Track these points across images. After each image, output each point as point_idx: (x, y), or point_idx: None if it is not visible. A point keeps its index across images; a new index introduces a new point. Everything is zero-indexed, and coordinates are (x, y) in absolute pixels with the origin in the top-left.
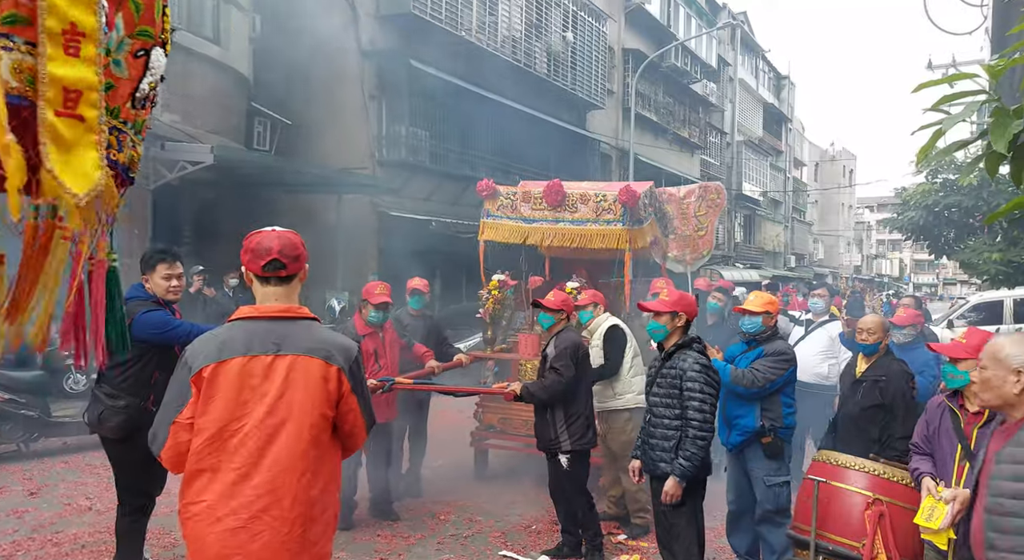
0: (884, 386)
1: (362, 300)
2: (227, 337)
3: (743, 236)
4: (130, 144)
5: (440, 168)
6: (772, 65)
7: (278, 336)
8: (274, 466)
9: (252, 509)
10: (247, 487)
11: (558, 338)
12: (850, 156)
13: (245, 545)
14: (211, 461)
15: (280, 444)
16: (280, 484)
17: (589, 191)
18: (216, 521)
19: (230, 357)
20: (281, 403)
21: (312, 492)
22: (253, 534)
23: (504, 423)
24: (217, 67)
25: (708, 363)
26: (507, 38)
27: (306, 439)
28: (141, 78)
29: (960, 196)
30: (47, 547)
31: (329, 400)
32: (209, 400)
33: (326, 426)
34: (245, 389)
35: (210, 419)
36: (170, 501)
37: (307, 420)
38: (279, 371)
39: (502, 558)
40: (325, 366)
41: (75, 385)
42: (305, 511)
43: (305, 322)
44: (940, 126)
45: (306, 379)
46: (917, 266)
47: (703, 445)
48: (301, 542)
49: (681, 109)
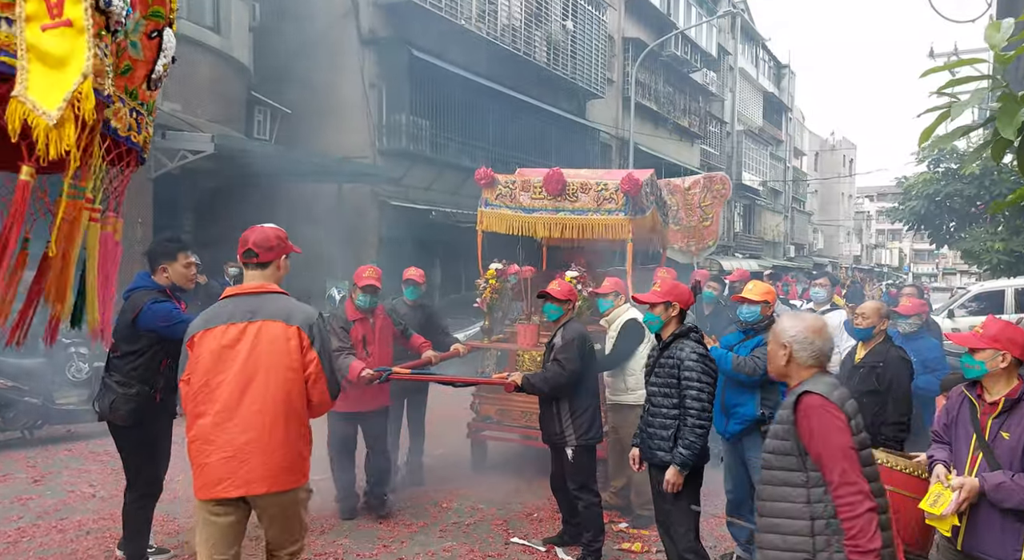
0: (881, 372)
1: (352, 284)
2: (214, 311)
3: (743, 226)
4: (145, 125)
5: (440, 157)
6: (772, 54)
7: (252, 307)
8: (249, 408)
9: (236, 443)
10: (231, 426)
11: (565, 329)
12: (850, 146)
13: (235, 470)
14: (202, 408)
15: (253, 392)
16: (255, 423)
17: (590, 180)
18: (210, 453)
19: (214, 326)
20: (251, 359)
21: (282, 428)
22: (239, 462)
23: (502, 414)
24: (217, 56)
25: (705, 352)
26: (507, 27)
27: (273, 388)
28: (155, 59)
29: (962, 185)
30: (52, 533)
31: (291, 355)
32: (197, 359)
33: (294, 377)
34: (224, 350)
35: (198, 374)
36: (173, 489)
37: (273, 372)
38: (250, 334)
39: (511, 545)
40: (285, 327)
41: (78, 373)
42: (277, 445)
43: (275, 295)
44: (946, 110)
45: (271, 338)
46: (917, 256)
47: (702, 433)
48: (276, 464)
49: (681, 98)
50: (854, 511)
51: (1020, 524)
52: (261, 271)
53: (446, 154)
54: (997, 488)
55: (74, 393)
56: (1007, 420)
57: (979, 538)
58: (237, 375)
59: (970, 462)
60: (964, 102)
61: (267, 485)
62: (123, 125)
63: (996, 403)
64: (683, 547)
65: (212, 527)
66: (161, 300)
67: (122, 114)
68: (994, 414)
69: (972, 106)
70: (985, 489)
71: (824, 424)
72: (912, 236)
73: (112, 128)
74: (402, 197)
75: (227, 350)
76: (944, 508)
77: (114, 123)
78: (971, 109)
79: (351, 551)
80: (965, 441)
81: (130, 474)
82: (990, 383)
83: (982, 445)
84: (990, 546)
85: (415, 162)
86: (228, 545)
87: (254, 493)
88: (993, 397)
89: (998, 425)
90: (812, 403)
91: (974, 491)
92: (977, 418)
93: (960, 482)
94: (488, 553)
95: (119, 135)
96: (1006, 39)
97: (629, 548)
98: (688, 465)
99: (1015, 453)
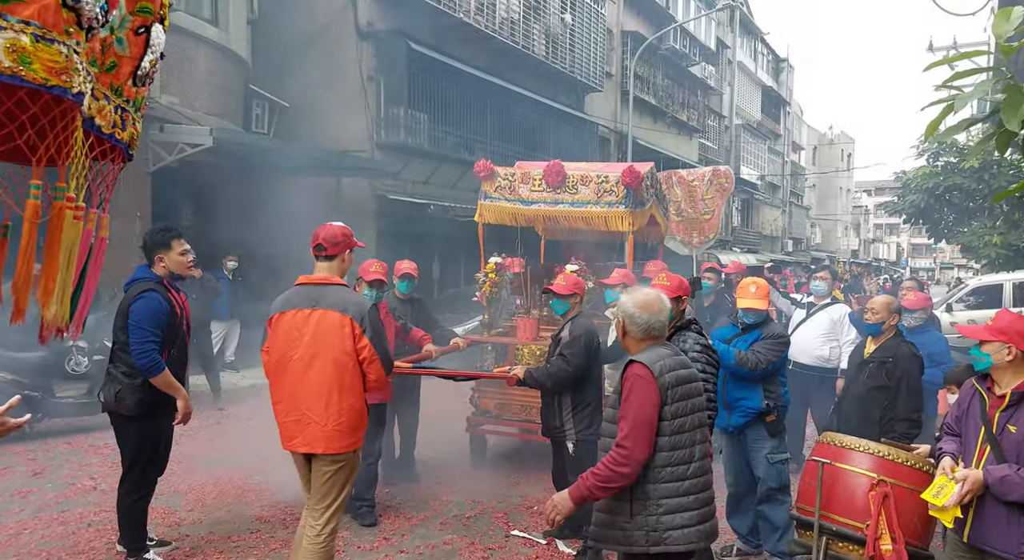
0: (890, 368)
1: (357, 278)
2: (288, 296)
3: (741, 220)
4: (132, 122)
5: (438, 151)
6: (771, 48)
7: (316, 296)
8: (311, 383)
9: (300, 409)
10: (299, 395)
11: (573, 324)
12: (848, 140)
13: (302, 431)
14: (280, 377)
15: (314, 370)
16: (314, 396)
17: (590, 172)
18: (287, 415)
19: (287, 310)
20: (313, 342)
21: (336, 402)
22: (304, 425)
23: (501, 408)
24: (215, 49)
25: (708, 344)
26: (505, 20)
27: (331, 367)
28: (142, 56)
29: (961, 179)
30: (53, 526)
31: (345, 340)
32: (274, 337)
33: (348, 359)
34: (293, 331)
35: (276, 349)
36: (172, 482)
37: (331, 354)
38: (313, 320)
39: (512, 538)
40: (341, 316)
41: (77, 366)
42: (331, 413)
43: (336, 287)
44: (951, 102)
45: (329, 326)
46: (915, 250)
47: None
48: (330, 432)
49: (680, 92)
50: (614, 468)
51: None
52: (328, 263)
53: (444, 148)
54: (1001, 481)
55: (74, 387)
56: (1015, 413)
57: (985, 531)
58: (303, 354)
59: (978, 455)
60: (968, 94)
61: (323, 446)
62: (107, 122)
63: (1004, 396)
64: None
65: (298, 470)
66: (152, 290)
67: (107, 112)
68: (1002, 407)
69: (976, 98)
70: (989, 482)
71: (637, 391)
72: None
73: (96, 126)
74: (400, 191)
75: (296, 331)
76: (947, 499)
77: (98, 121)
78: (973, 102)
79: (352, 543)
80: (974, 434)
81: (126, 466)
82: (999, 376)
83: (990, 438)
84: (995, 539)
85: (413, 156)
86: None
87: (314, 452)
88: (1002, 390)
89: (1006, 418)
90: (632, 371)
91: (978, 484)
92: (986, 411)
93: (964, 474)
94: (489, 546)
95: (103, 132)
96: (1013, 29)
97: None
98: None
99: (1021, 447)
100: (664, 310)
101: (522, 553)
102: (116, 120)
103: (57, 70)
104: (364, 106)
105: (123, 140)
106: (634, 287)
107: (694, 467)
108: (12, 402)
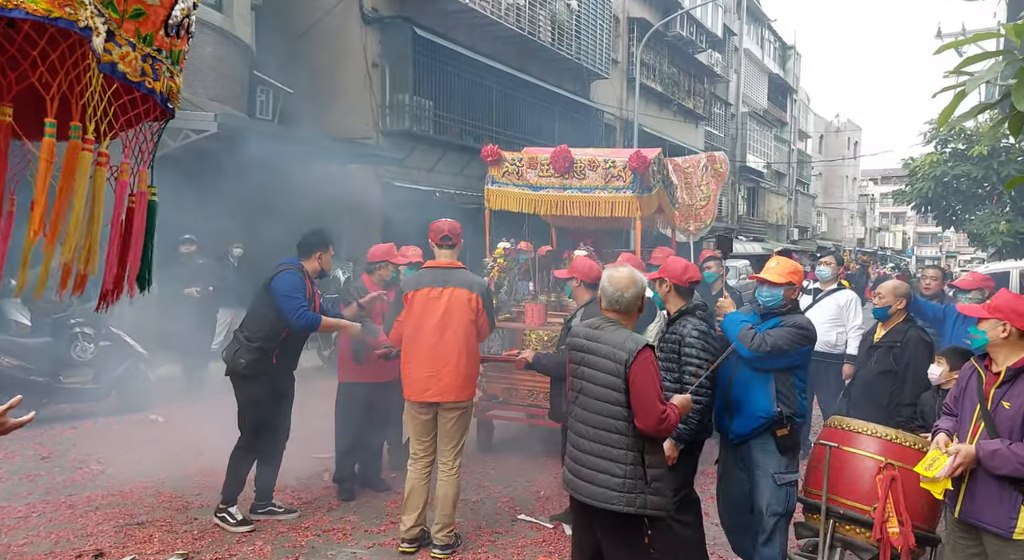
0: (898, 353)
1: (380, 263)
2: (420, 276)
3: (747, 209)
4: (167, 73)
5: (444, 138)
6: (778, 35)
7: (445, 276)
8: (446, 345)
9: (435, 366)
10: (434, 355)
11: (587, 310)
12: (855, 128)
13: (435, 384)
14: (412, 343)
15: (447, 336)
16: (449, 355)
17: (597, 157)
18: (420, 371)
19: (421, 287)
20: (446, 314)
21: (463, 361)
22: (437, 379)
23: (508, 393)
24: (219, 34)
25: (708, 330)
26: (511, 6)
27: (460, 333)
28: (173, 5)
29: (969, 166)
30: (61, 509)
31: (470, 312)
32: (410, 311)
33: (471, 327)
34: (428, 305)
35: (410, 321)
36: (183, 465)
37: (460, 324)
38: (445, 296)
39: (519, 522)
40: (469, 293)
41: (83, 353)
42: (460, 369)
43: (460, 270)
44: (963, 88)
45: (458, 301)
46: (920, 239)
47: (700, 409)
48: (459, 384)
49: (686, 79)
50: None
51: (1017, 493)
52: (451, 251)
53: (449, 135)
54: (992, 455)
55: (79, 373)
56: (1009, 390)
57: (976, 506)
58: (438, 323)
59: (972, 431)
60: (979, 76)
61: (453, 395)
62: (133, 70)
63: (1000, 373)
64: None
65: (416, 422)
66: (295, 273)
67: (131, 59)
68: (997, 384)
69: (987, 80)
70: (980, 456)
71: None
72: (916, 219)
73: (120, 72)
74: (405, 178)
75: (432, 304)
76: (938, 471)
77: (122, 67)
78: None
79: (359, 527)
80: (970, 411)
81: (240, 424)
82: (995, 353)
83: (984, 415)
84: (987, 514)
85: (418, 143)
86: (427, 433)
87: (445, 400)
88: (998, 368)
89: (1000, 395)
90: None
91: (969, 457)
92: (982, 389)
93: (956, 448)
94: (496, 529)
95: (129, 80)
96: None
97: None
98: (684, 439)
99: (1014, 422)
100: (631, 287)
101: (528, 537)
102: (145, 69)
103: (60, 2)
104: (369, 93)
105: (155, 89)
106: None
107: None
108: (13, 402)
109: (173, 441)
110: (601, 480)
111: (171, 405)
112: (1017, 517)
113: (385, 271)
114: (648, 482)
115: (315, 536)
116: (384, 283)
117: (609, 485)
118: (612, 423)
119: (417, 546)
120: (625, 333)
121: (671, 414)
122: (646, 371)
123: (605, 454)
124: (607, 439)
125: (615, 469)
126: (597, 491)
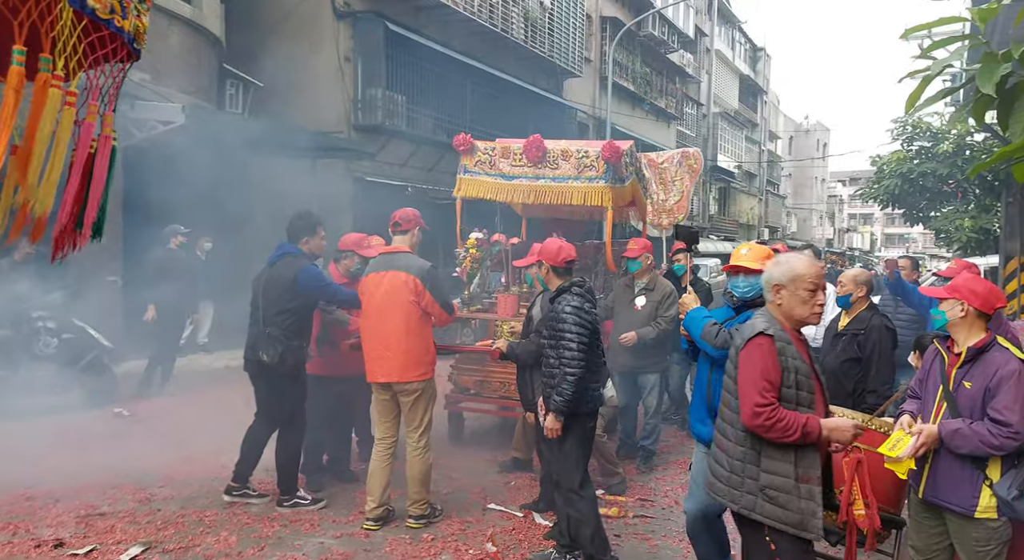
0: (862, 340)
1: (346, 251)
2: (373, 263)
3: (718, 208)
4: (134, 11)
5: (416, 133)
6: (748, 37)
7: (390, 261)
8: (386, 327)
9: (380, 349)
10: (379, 337)
11: (543, 298)
12: (824, 129)
13: (382, 366)
14: (364, 327)
15: (387, 317)
16: (389, 337)
17: (571, 148)
18: (371, 353)
19: (370, 273)
20: (385, 297)
21: (406, 341)
22: (384, 360)
23: (480, 386)
24: (188, 26)
25: (580, 304)
26: (484, 2)
27: (399, 315)
28: None
29: (935, 164)
30: (20, 501)
31: (408, 293)
32: (362, 294)
33: (412, 308)
34: (373, 290)
35: (363, 307)
36: (166, 473)
37: (399, 305)
38: (386, 280)
39: (489, 511)
40: (406, 275)
41: (45, 348)
42: (403, 349)
43: (404, 254)
44: (928, 72)
45: (396, 283)
46: (888, 240)
47: (573, 381)
48: (405, 364)
49: (658, 79)
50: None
51: (978, 472)
52: (403, 236)
53: (422, 130)
54: (953, 434)
55: (41, 368)
56: (970, 370)
57: (939, 487)
58: (379, 306)
59: (935, 412)
60: (941, 61)
61: (398, 376)
62: (102, 6)
63: (961, 354)
64: (566, 486)
65: (377, 403)
66: (313, 266)
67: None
68: (958, 364)
69: (954, 61)
70: (943, 435)
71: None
72: (883, 220)
73: (90, 7)
74: (377, 173)
75: (374, 288)
76: (901, 451)
77: (91, 2)
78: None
79: (327, 517)
80: (933, 392)
81: (274, 417)
82: (955, 333)
83: (947, 396)
84: (949, 493)
85: (391, 138)
86: (387, 414)
87: (391, 381)
88: (959, 348)
89: (961, 375)
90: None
91: (932, 436)
92: (945, 370)
93: (920, 428)
94: (467, 519)
95: (98, 16)
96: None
97: (606, 513)
98: (562, 411)
99: (975, 402)
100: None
101: (499, 525)
102: (114, 5)
103: None
104: (341, 87)
105: (123, 28)
106: (540, 251)
107: None
108: None
109: (137, 435)
110: None
111: (136, 399)
112: (979, 496)
113: (351, 261)
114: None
115: (282, 526)
116: (349, 273)
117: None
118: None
119: (381, 524)
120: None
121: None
122: (749, 358)
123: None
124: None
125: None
126: None
